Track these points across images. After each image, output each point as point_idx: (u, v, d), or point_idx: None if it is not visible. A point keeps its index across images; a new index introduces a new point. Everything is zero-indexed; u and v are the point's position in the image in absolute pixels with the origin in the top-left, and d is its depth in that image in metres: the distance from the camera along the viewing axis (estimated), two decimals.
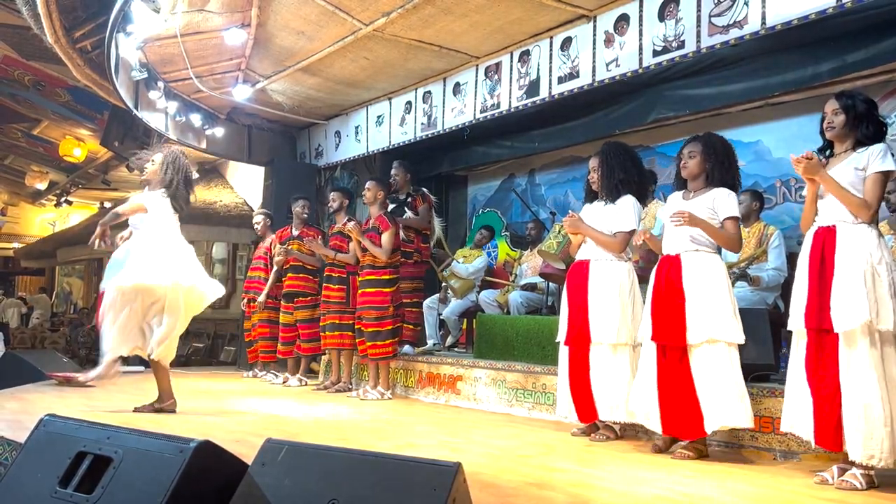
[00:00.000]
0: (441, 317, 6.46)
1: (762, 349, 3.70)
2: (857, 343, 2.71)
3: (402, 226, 5.68)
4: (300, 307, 6.36)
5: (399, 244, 5.51)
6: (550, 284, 5.64)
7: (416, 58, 6.23)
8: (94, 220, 13.38)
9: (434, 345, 6.25)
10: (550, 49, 5.66)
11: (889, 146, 2.88)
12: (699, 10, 4.62)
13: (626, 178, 3.81)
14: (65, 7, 5.78)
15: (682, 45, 4.73)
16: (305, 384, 6.28)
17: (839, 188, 2.83)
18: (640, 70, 5.03)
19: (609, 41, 5.21)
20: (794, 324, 2.92)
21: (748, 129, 5.63)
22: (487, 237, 6.87)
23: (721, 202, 3.34)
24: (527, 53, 5.87)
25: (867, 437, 2.65)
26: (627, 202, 3.78)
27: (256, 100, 7.46)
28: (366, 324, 5.32)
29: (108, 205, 15.45)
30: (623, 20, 5.12)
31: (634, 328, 3.63)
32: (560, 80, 5.59)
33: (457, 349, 6.50)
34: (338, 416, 4.41)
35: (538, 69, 5.76)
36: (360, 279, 5.41)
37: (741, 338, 3.23)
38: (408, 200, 6.01)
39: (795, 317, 2.91)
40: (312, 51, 6.19)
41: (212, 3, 5.47)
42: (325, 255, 5.91)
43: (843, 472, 2.75)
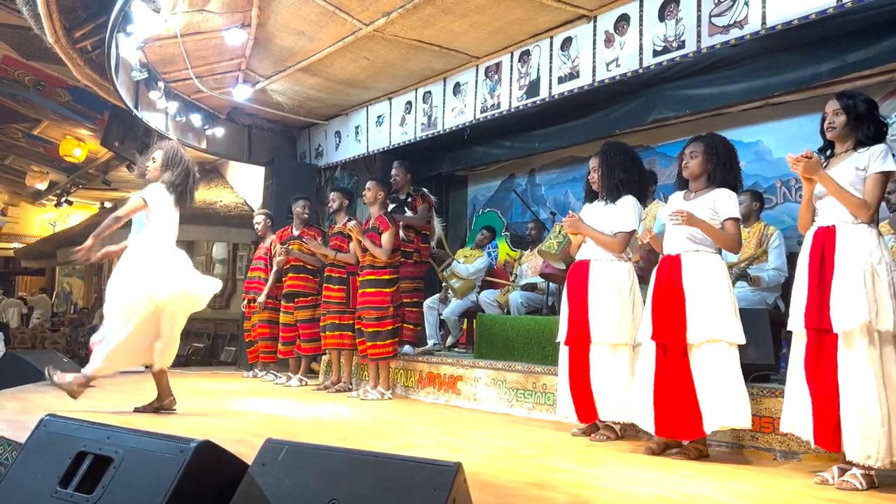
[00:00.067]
0: (441, 317, 6.46)
1: (762, 349, 3.70)
2: (857, 343, 2.71)
3: (402, 225, 5.68)
4: (300, 307, 6.36)
5: (399, 244, 5.51)
6: (551, 284, 5.64)
7: (417, 58, 6.23)
8: (95, 221, 13.38)
9: (434, 345, 6.25)
10: (551, 49, 5.66)
11: (890, 146, 2.88)
12: (699, 10, 4.62)
13: (627, 179, 3.80)
14: (65, 7, 5.78)
15: (683, 45, 4.73)
16: (306, 384, 6.27)
17: (838, 188, 2.83)
18: (641, 70, 5.03)
19: (609, 41, 5.21)
20: (794, 324, 2.92)
21: (748, 130, 5.63)
22: (489, 238, 6.87)
23: (722, 203, 3.34)
24: (527, 53, 5.88)
25: (864, 437, 2.65)
26: (628, 202, 3.78)
27: (256, 100, 7.46)
28: (366, 324, 5.32)
29: (109, 205, 15.47)
30: (623, 20, 5.12)
31: (634, 328, 3.63)
32: (560, 80, 5.59)
33: (457, 349, 6.50)
34: (338, 417, 4.41)
35: (538, 69, 5.76)
36: (360, 279, 5.41)
37: (742, 338, 3.22)
38: (408, 200, 6.00)
39: (795, 317, 2.91)
40: (313, 51, 6.20)
41: (212, 4, 5.48)
42: (323, 255, 5.91)
43: (844, 473, 2.75)
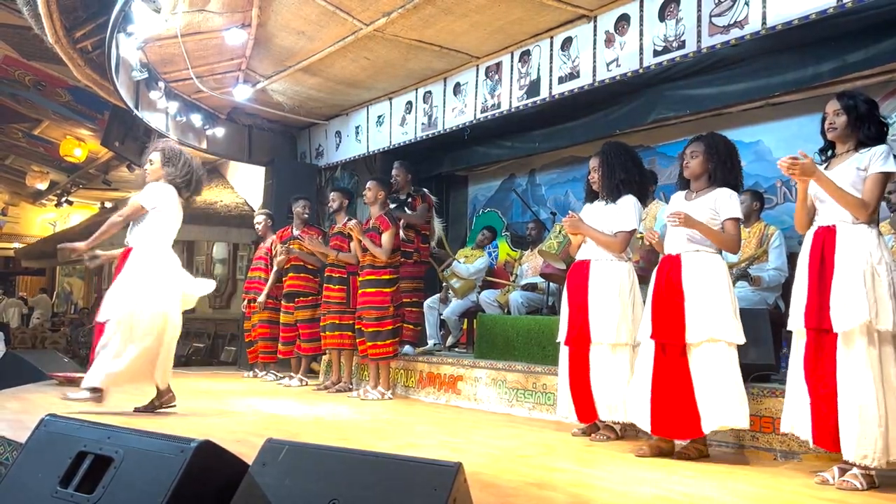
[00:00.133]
0: (442, 317, 6.46)
1: (763, 349, 3.69)
2: (856, 343, 2.71)
3: (403, 225, 5.67)
4: (301, 307, 6.36)
5: (399, 244, 5.51)
6: (551, 284, 5.64)
7: (417, 58, 6.23)
8: (95, 220, 13.38)
9: (434, 345, 6.25)
10: (551, 49, 5.66)
11: (891, 146, 2.88)
12: (700, 10, 4.62)
13: (627, 178, 3.80)
14: (65, 7, 5.78)
15: (683, 45, 4.73)
16: (306, 384, 6.28)
17: (836, 188, 2.82)
18: (641, 70, 5.03)
19: (609, 41, 5.21)
20: (794, 324, 2.92)
21: (749, 130, 5.63)
22: (489, 238, 6.87)
23: (722, 203, 3.34)
24: (527, 53, 5.87)
25: (861, 437, 2.65)
26: (628, 202, 3.77)
27: (257, 100, 7.46)
28: (366, 324, 5.32)
29: (109, 205, 15.47)
30: (623, 20, 5.12)
31: (634, 328, 3.63)
32: (560, 80, 5.59)
33: (457, 349, 6.50)
34: (338, 416, 4.41)
35: (539, 69, 5.76)
36: (361, 279, 5.41)
37: (741, 338, 3.22)
38: (408, 200, 6.00)
39: (795, 317, 2.91)
40: (313, 51, 6.20)
41: (212, 4, 5.48)
42: (324, 255, 5.91)
43: (844, 473, 2.75)
